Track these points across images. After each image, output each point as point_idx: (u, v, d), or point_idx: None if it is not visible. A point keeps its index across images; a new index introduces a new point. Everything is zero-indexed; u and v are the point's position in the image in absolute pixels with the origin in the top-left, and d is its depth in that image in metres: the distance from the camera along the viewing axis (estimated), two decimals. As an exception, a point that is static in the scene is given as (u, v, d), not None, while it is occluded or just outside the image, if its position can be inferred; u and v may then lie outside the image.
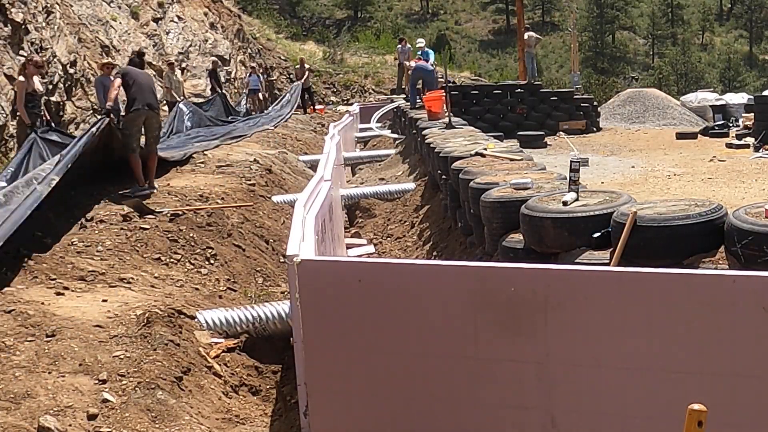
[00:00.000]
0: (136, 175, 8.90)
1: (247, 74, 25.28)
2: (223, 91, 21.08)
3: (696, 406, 1.94)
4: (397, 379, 3.49)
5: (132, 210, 7.85)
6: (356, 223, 11.59)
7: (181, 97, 17.68)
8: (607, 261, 4.33)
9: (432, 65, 17.23)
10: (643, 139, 15.49)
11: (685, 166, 10.54)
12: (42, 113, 10.56)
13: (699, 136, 15.16)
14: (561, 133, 16.57)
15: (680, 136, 15.06)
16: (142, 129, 9.17)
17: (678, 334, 2.99)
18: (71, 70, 15.29)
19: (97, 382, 4.47)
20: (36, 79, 10.41)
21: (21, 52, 13.48)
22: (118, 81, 8.93)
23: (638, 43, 73.81)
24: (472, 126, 13.08)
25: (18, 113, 10.46)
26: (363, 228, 11.11)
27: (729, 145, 12.91)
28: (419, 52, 17.66)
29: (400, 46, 22.96)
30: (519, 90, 17.49)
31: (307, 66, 24.96)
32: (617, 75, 58.61)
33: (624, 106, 20.72)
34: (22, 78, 10.33)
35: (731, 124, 16.29)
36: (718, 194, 7.70)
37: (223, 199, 9.28)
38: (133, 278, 6.25)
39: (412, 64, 17.40)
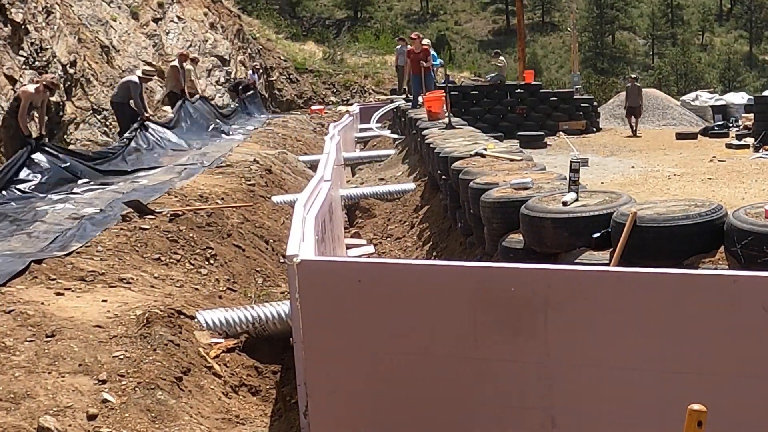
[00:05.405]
0: None
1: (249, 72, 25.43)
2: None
3: (696, 406, 1.94)
4: (396, 379, 3.49)
5: (131, 210, 7.85)
6: (356, 223, 11.58)
7: (196, 93, 17.68)
8: (607, 261, 4.33)
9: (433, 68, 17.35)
10: (643, 140, 15.50)
11: (685, 166, 10.55)
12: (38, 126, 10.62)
13: (699, 136, 15.18)
14: (561, 133, 16.59)
15: (680, 136, 15.08)
16: None
17: (678, 334, 2.98)
18: (71, 71, 15.27)
19: (96, 382, 4.46)
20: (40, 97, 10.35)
21: (21, 52, 13.46)
22: None
23: (638, 44, 73.83)
24: (471, 126, 13.08)
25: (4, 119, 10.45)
26: (363, 228, 11.10)
27: (729, 146, 12.93)
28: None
29: (399, 46, 22.63)
30: (519, 90, 17.50)
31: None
32: (617, 75, 58.61)
33: (624, 106, 20.70)
34: (32, 90, 10.20)
35: (731, 125, 16.32)
36: (717, 194, 7.70)
37: (222, 199, 9.28)
38: (132, 278, 6.24)
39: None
